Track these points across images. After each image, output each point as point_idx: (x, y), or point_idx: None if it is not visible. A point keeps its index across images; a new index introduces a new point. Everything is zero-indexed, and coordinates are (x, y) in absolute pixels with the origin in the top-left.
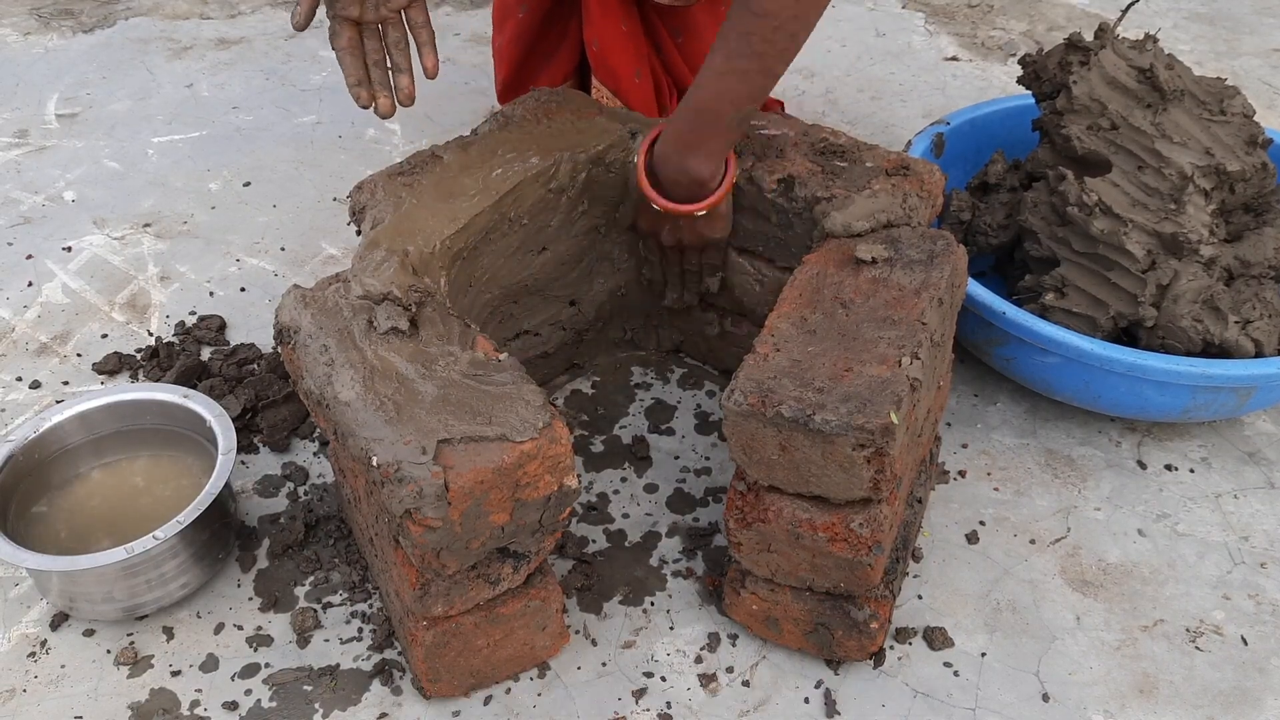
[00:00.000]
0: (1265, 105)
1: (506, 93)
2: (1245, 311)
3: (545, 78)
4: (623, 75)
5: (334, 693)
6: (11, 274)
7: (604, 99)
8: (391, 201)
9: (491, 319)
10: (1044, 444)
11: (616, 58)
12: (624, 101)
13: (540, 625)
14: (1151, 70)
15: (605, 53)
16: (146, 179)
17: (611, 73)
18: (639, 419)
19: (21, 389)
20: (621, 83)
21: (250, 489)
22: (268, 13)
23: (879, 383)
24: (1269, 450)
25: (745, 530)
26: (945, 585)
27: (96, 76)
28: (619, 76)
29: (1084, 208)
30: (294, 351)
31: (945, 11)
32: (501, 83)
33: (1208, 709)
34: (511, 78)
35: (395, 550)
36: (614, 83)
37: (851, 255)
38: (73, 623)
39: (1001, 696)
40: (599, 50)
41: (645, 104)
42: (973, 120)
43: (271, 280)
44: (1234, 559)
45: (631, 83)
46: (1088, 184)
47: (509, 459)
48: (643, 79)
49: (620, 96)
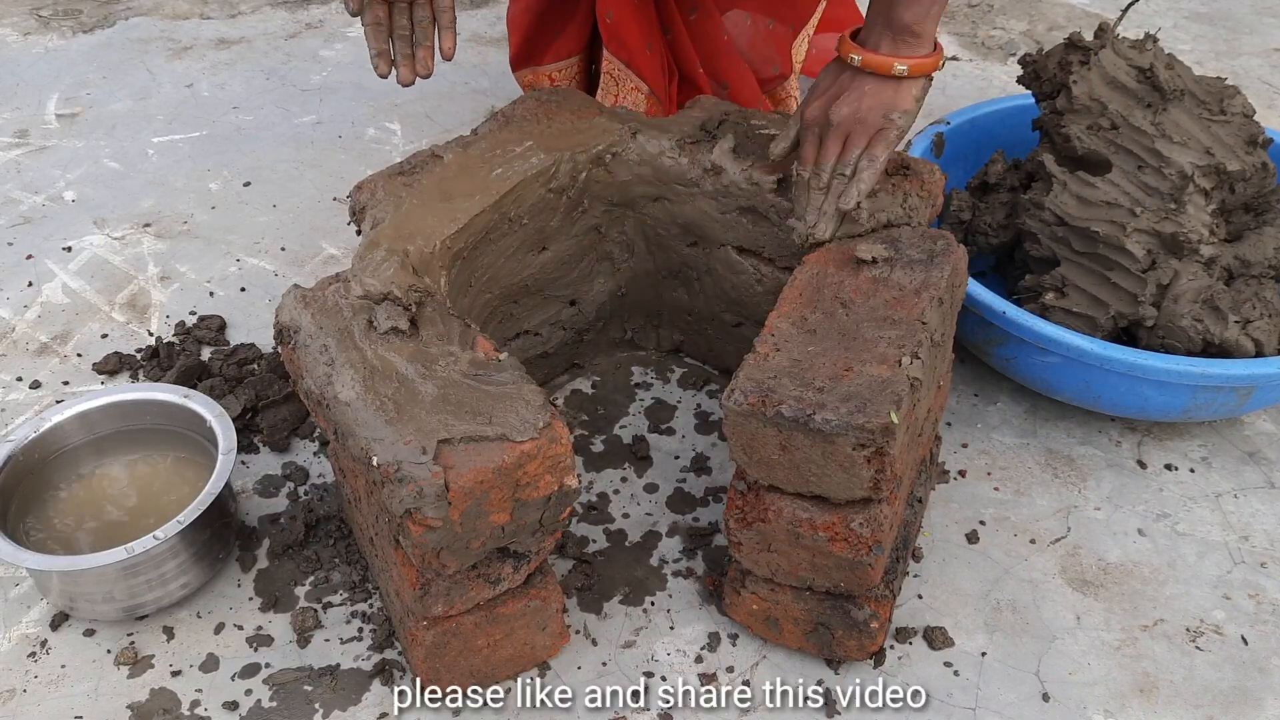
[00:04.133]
0: (1265, 105)
1: (518, 61)
2: (1245, 311)
3: (556, 49)
4: (635, 48)
5: (334, 693)
6: (11, 274)
7: (615, 71)
8: (391, 201)
9: (491, 319)
10: (1044, 444)
11: (629, 29)
12: (636, 73)
13: (540, 625)
14: (1151, 70)
15: (619, 24)
16: (146, 179)
17: (624, 44)
18: (639, 419)
19: (21, 389)
20: (635, 55)
21: (250, 489)
22: (268, 13)
23: (879, 382)
24: (1269, 450)
25: (745, 530)
26: (945, 585)
27: (96, 76)
28: (631, 49)
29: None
30: (294, 351)
31: (946, 11)
32: (514, 50)
33: (1208, 709)
34: (523, 46)
35: (395, 550)
36: (626, 54)
37: (851, 255)
38: (73, 623)
39: (1001, 696)
40: (613, 22)
41: (655, 77)
42: (973, 120)
43: (271, 280)
44: (1234, 559)
45: (644, 55)
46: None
47: (509, 459)
48: (654, 52)
49: (632, 68)
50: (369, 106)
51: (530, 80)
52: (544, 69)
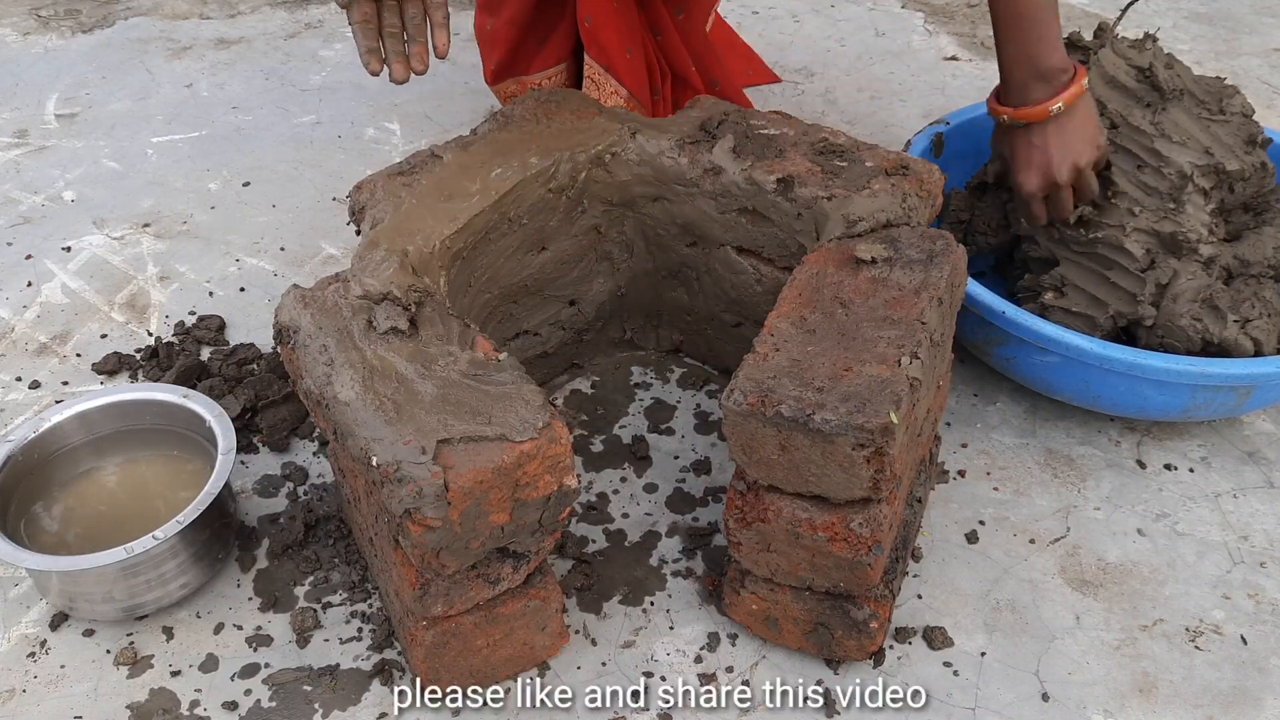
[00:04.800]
0: (1265, 105)
1: (499, 74)
2: (1244, 310)
3: (543, 57)
4: (614, 52)
5: (334, 693)
6: (11, 274)
7: (596, 75)
8: (391, 201)
9: (491, 319)
10: (1044, 444)
11: (607, 34)
12: (615, 78)
13: (540, 625)
14: (1151, 70)
15: (596, 29)
16: (146, 179)
17: (603, 49)
18: (639, 419)
19: (21, 389)
20: (614, 60)
21: (250, 489)
22: (267, 13)
23: (879, 382)
24: (1269, 450)
25: (745, 530)
26: (945, 585)
27: (96, 76)
28: (610, 53)
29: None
30: (293, 351)
31: (945, 11)
32: (496, 64)
33: (1207, 709)
34: (506, 59)
35: (395, 550)
36: (605, 59)
37: (851, 255)
38: (73, 623)
39: (1001, 696)
40: (591, 26)
41: (636, 82)
42: (972, 120)
43: (271, 280)
44: (1234, 558)
45: (623, 59)
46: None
47: (509, 459)
48: (634, 56)
49: (612, 73)
50: (368, 106)
51: (513, 91)
52: (530, 78)
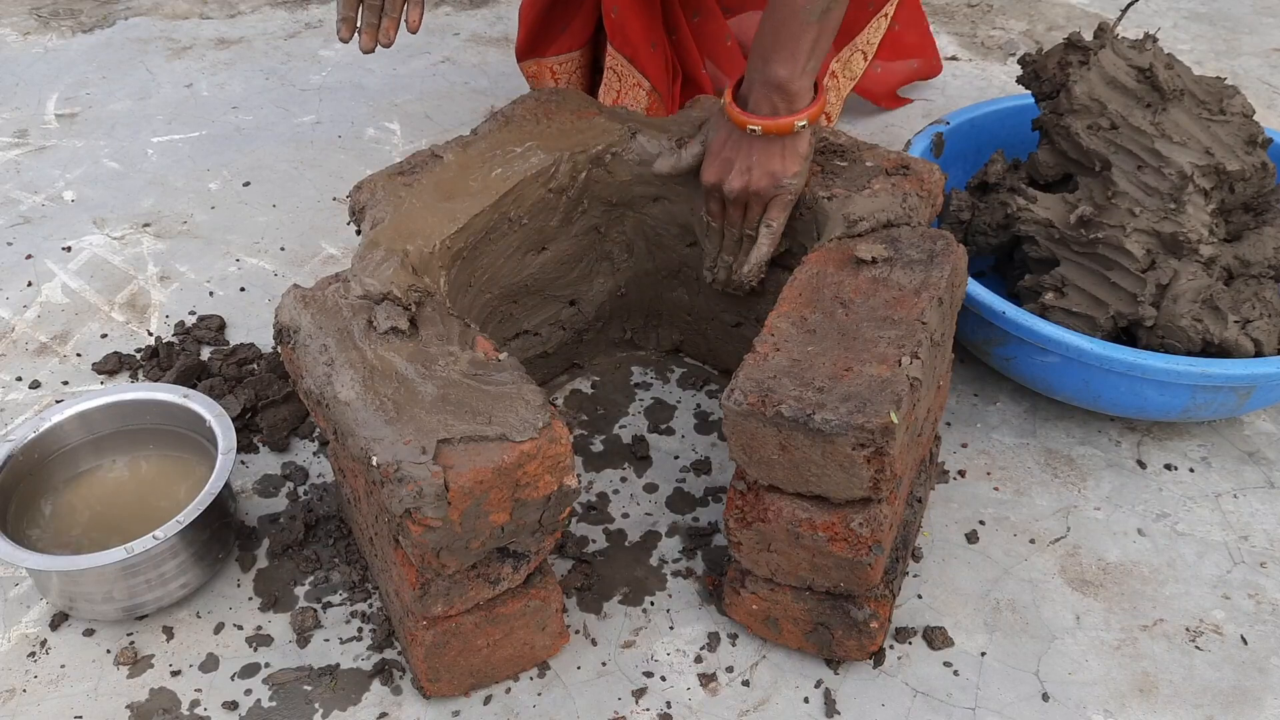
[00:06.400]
0: (1265, 105)
1: (524, 51)
2: (1245, 311)
3: (561, 42)
4: (639, 44)
5: (334, 693)
6: (11, 274)
7: (619, 67)
8: (391, 201)
9: (491, 319)
10: (1044, 444)
11: (633, 25)
12: (639, 70)
13: (540, 625)
14: (1151, 70)
15: (623, 20)
16: (146, 179)
17: (628, 40)
18: (639, 419)
19: (21, 389)
20: (638, 51)
21: (250, 489)
22: (267, 13)
23: (879, 382)
24: (1269, 450)
25: (745, 530)
26: (945, 585)
27: (96, 76)
28: (635, 45)
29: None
30: (294, 351)
31: (945, 11)
32: (521, 40)
33: (1208, 709)
34: (529, 38)
35: (395, 550)
36: (630, 50)
37: (851, 255)
38: (73, 623)
39: (1001, 696)
40: (617, 18)
41: (658, 75)
42: (972, 120)
43: (271, 280)
44: (1234, 558)
45: (647, 51)
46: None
47: (509, 459)
48: (658, 49)
49: (635, 64)
50: (368, 106)
51: (534, 70)
52: (548, 60)
